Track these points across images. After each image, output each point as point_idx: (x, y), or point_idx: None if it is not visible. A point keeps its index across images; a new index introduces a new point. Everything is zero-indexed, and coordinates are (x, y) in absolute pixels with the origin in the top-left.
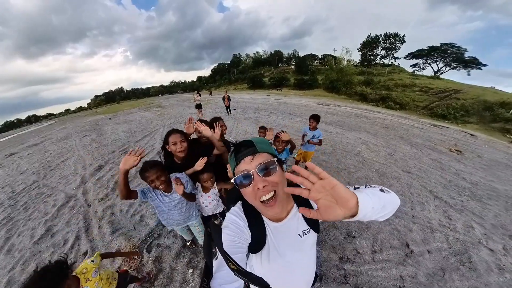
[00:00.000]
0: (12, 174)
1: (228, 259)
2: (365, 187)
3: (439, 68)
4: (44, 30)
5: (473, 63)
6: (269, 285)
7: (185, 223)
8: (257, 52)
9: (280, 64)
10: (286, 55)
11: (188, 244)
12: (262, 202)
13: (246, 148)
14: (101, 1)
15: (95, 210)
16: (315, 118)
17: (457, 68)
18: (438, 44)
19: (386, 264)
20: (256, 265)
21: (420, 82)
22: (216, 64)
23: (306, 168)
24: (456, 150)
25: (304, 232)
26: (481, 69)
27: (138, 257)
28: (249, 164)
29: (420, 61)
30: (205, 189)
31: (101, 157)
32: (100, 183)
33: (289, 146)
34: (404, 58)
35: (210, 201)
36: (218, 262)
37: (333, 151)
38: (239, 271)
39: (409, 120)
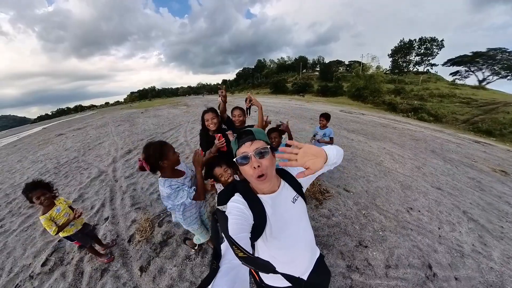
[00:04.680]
0: (59, 149)
1: (233, 244)
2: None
3: (485, 77)
4: (95, 35)
5: None
6: (275, 268)
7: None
8: (281, 58)
9: (304, 70)
10: (311, 61)
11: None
12: (257, 178)
13: (246, 135)
14: (142, 10)
15: (121, 185)
16: (325, 117)
17: (508, 77)
18: (484, 50)
19: (401, 282)
20: (262, 249)
21: (461, 93)
22: (241, 69)
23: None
24: (500, 170)
25: (294, 198)
26: None
27: (150, 230)
28: (248, 148)
29: (462, 68)
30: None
31: (131, 143)
32: (128, 164)
33: (284, 140)
34: (443, 65)
35: None
36: (225, 245)
37: (352, 157)
38: (246, 259)
39: (445, 134)
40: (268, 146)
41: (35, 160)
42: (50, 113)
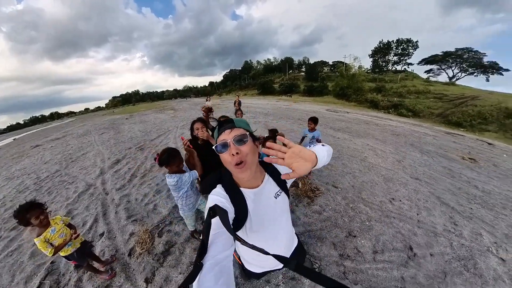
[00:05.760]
0: (37, 163)
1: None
2: (313, 146)
3: (455, 74)
4: (71, 35)
5: (492, 68)
6: (268, 252)
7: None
8: (267, 59)
9: (290, 71)
10: (297, 62)
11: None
12: (235, 166)
13: (227, 123)
14: (123, 10)
15: (112, 198)
16: (313, 120)
17: (475, 74)
18: (453, 49)
19: (387, 264)
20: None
21: (435, 89)
22: (228, 70)
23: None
24: (469, 158)
25: (277, 194)
26: (502, 75)
27: (150, 241)
28: (227, 135)
29: (434, 67)
30: None
31: (119, 152)
32: (117, 175)
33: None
34: (418, 64)
35: None
36: (210, 241)
37: (339, 155)
38: (245, 244)
39: (422, 128)
40: (248, 133)
41: (10, 177)
42: (22, 122)
